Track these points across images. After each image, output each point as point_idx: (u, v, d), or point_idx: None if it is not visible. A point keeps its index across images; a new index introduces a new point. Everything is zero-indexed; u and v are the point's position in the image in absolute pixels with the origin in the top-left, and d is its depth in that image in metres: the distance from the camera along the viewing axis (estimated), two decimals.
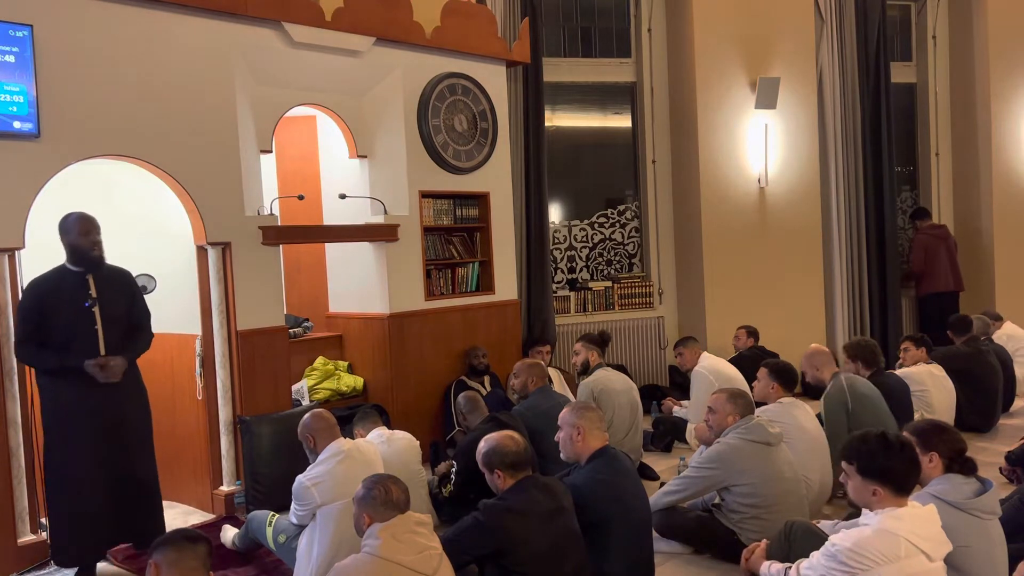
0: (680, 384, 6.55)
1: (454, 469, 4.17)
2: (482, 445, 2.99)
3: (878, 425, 4.22)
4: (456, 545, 2.78)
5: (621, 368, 6.48)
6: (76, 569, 3.73)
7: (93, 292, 3.65)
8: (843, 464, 2.63)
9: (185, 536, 2.33)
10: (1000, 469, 4.64)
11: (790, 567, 2.74)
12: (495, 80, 6.05)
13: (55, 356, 3.58)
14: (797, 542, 2.95)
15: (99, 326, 3.64)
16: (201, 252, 4.65)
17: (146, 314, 3.95)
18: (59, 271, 3.69)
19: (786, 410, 4.13)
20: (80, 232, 3.65)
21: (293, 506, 3.39)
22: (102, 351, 3.64)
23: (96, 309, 3.64)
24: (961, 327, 6.05)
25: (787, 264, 7.31)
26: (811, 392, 6.90)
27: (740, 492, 3.56)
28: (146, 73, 4.32)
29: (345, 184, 5.52)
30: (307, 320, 5.79)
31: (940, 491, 2.74)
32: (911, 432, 2.89)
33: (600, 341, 5.46)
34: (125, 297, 3.83)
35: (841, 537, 2.52)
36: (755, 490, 3.53)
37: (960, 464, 2.80)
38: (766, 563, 2.91)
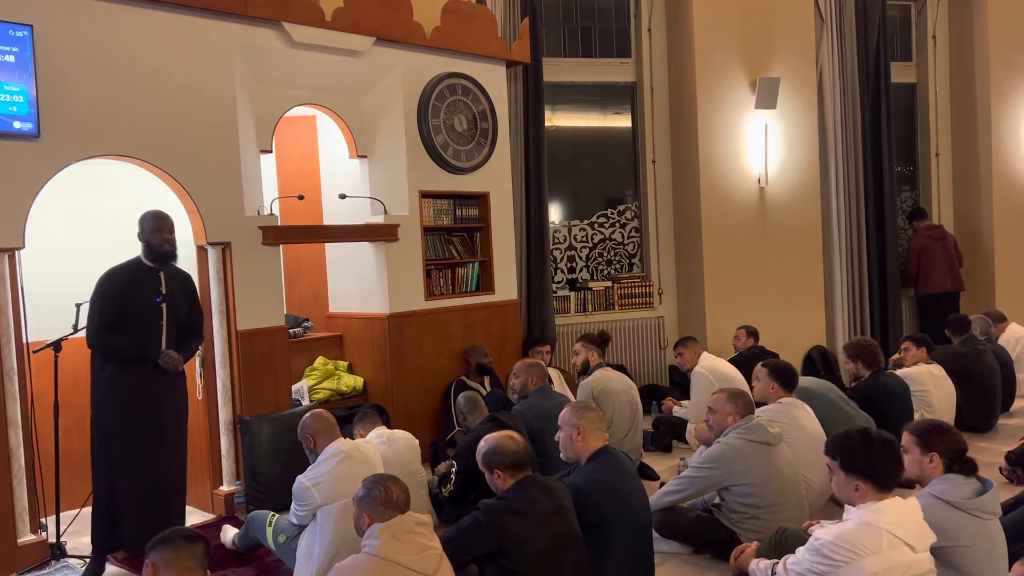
0: (680, 384, 6.55)
1: (454, 469, 4.17)
2: (482, 445, 2.98)
3: (842, 420, 4.27)
4: (456, 545, 2.78)
5: (621, 368, 6.48)
6: (86, 565, 3.78)
7: (163, 288, 3.85)
8: (827, 460, 2.67)
9: (182, 535, 2.29)
10: (1000, 469, 4.64)
11: (777, 563, 2.76)
12: (495, 80, 6.05)
13: (132, 345, 3.75)
14: (787, 550, 2.96)
15: (164, 322, 3.85)
16: (201, 252, 4.65)
17: (201, 318, 4.16)
18: (135, 263, 3.88)
19: (786, 410, 4.13)
20: (152, 229, 3.85)
21: (293, 506, 3.39)
22: (163, 345, 3.84)
23: (164, 305, 3.85)
24: (959, 327, 6.05)
25: (787, 264, 7.31)
26: None
27: (740, 492, 3.56)
28: (146, 73, 4.32)
29: (345, 184, 5.52)
30: (307, 320, 5.79)
31: (940, 491, 2.75)
32: (911, 432, 2.89)
33: (600, 341, 5.46)
34: (187, 298, 4.04)
35: (824, 532, 2.55)
36: (755, 490, 3.53)
37: (960, 465, 2.79)
38: (754, 560, 2.92)
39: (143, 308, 3.82)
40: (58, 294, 4.23)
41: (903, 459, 2.83)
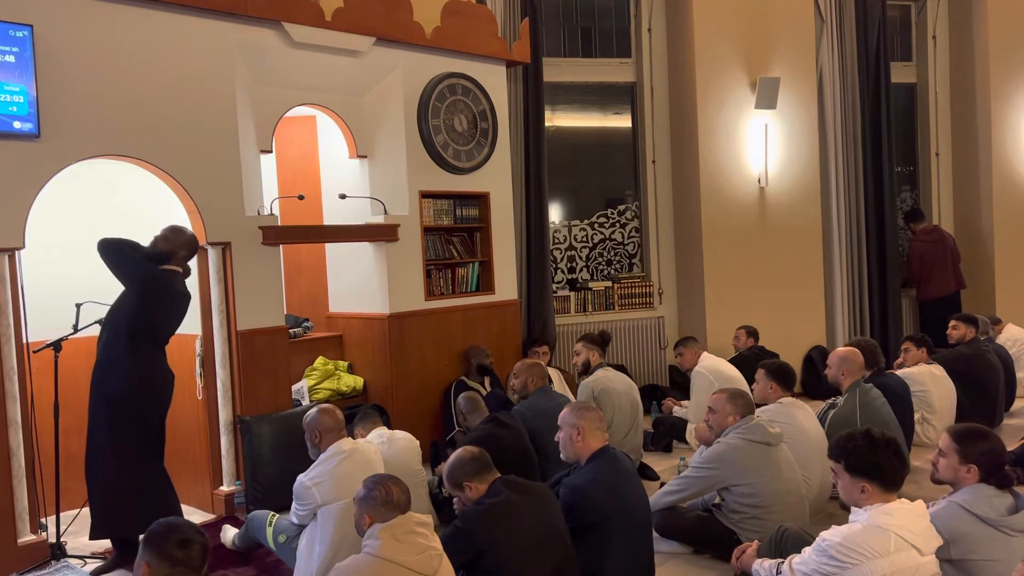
0: (680, 384, 6.55)
1: None
2: (443, 473, 3.00)
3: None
4: (447, 552, 2.79)
5: (621, 368, 6.48)
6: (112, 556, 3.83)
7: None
8: (831, 463, 2.66)
9: (179, 534, 2.21)
10: None
11: (782, 562, 2.75)
12: (495, 80, 6.05)
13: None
14: (788, 549, 2.96)
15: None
16: (201, 252, 4.64)
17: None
18: None
19: (786, 410, 4.13)
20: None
21: (294, 506, 3.39)
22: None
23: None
24: (968, 320, 6.03)
25: (787, 264, 7.31)
26: (811, 392, 6.94)
27: (740, 492, 3.56)
28: (146, 73, 4.32)
29: (345, 184, 5.52)
30: (307, 320, 5.79)
31: (969, 503, 2.68)
32: (953, 437, 2.78)
33: (601, 341, 5.46)
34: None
35: (832, 532, 2.55)
36: (755, 490, 3.53)
37: (998, 478, 2.71)
38: (758, 560, 2.92)
39: None
40: (58, 294, 4.23)
41: (937, 461, 2.80)
